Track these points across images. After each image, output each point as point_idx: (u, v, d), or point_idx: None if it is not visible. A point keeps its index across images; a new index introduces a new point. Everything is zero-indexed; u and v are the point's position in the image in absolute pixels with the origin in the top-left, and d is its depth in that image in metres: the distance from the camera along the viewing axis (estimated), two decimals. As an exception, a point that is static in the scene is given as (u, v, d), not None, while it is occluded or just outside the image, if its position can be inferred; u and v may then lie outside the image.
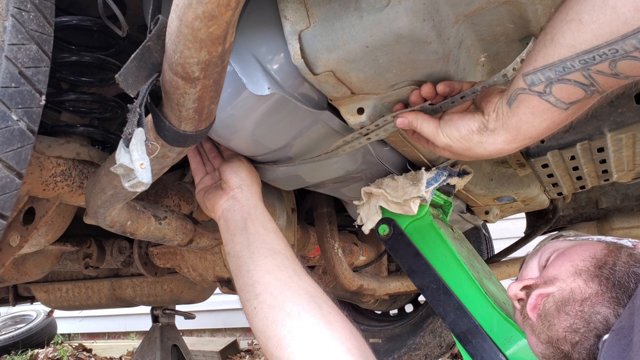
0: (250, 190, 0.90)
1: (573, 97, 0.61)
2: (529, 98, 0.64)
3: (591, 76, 0.57)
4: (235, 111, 0.78)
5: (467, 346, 0.91)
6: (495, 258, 2.18)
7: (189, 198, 1.27)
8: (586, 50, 0.55)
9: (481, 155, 0.73)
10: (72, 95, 0.97)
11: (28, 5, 0.62)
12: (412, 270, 1.03)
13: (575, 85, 0.59)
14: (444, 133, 0.75)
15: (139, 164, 0.54)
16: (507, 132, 0.69)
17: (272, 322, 0.71)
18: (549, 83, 0.61)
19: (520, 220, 2.28)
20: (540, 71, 0.61)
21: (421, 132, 0.78)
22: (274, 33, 0.72)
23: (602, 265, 0.69)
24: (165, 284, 1.87)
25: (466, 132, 0.73)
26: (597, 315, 0.65)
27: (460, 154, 0.76)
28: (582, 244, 0.78)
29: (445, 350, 2.36)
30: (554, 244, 0.83)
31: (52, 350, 4.05)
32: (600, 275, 0.68)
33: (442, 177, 1.04)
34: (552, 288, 0.71)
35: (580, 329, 0.66)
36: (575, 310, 0.67)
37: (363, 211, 1.12)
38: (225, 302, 4.57)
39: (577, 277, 0.70)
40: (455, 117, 0.75)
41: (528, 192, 1.44)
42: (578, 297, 0.68)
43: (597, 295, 0.66)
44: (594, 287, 0.67)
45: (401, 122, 0.79)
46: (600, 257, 0.71)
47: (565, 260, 0.74)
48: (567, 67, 0.58)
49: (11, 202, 0.62)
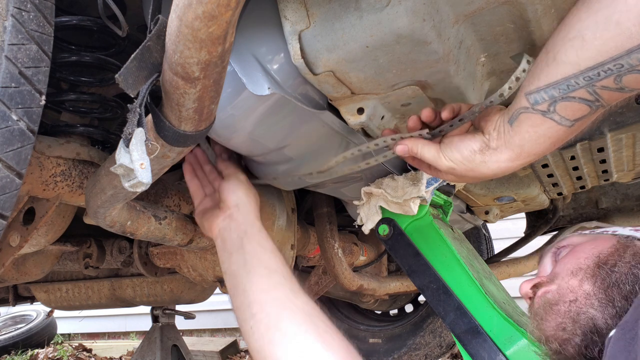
0: (247, 208, 0.90)
1: (578, 114, 0.61)
2: (532, 117, 0.63)
3: (596, 92, 0.57)
4: (235, 111, 0.78)
5: (467, 346, 0.91)
6: (495, 258, 2.18)
7: (189, 198, 1.27)
8: (590, 67, 0.55)
9: (485, 175, 0.73)
10: (72, 95, 0.97)
11: (28, 5, 0.62)
12: (412, 270, 1.03)
13: (580, 102, 0.59)
14: (445, 156, 0.75)
15: (139, 164, 0.54)
16: (511, 150, 0.68)
17: (268, 342, 0.71)
18: (553, 102, 0.60)
19: (520, 220, 2.28)
20: (544, 90, 0.60)
21: (422, 158, 0.78)
22: (274, 33, 0.72)
23: (602, 265, 0.70)
24: (165, 284, 1.87)
25: (468, 153, 0.72)
26: (584, 315, 0.67)
27: (464, 176, 0.76)
28: (594, 240, 0.78)
29: (445, 350, 2.36)
30: (570, 239, 0.84)
31: (52, 350, 4.05)
32: (597, 275, 0.69)
33: (442, 177, 1.04)
34: (553, 287, 0.73)
35: (567, 327, 0.68)
36: (564, 310, 0.69)
37: (363, 211, 1.12)
38: (225, 302, 4.55)
39: (573, 277, 0.71)
40: (456, 139, 0.74)
41: (528, 192, 1.44)
42: (567, 298, 0.70)
43: (587, 296, 0.68)
44: (586, 288, 0.69)
45: (401, 149, 0.79)
46: (603, 256, 0.72)
47: (572, 257, 0.75)
48: (572, 84, 0.57)
49: (11, 202, 0.62)
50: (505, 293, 1.06)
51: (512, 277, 2.01)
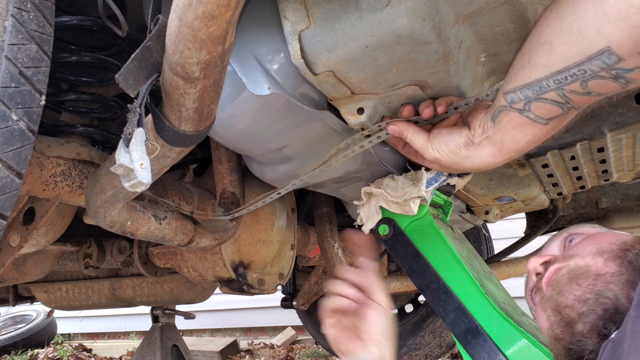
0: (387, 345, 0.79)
1: (550, 113, 0.64)
2: (510, 114, 0.67)
3: (566, 95, 0.61)
4: (235, 111, 0.78)
5: (467, 346, 0.91)
6: (495, 258, 2.18)
7: (189, 198, 1.27)
8: (559, 71, 0.58)
9: (469, 168, 0.76)
10: (72, 95, 0.97)
11: (28, 5, 0.62)
12: (412, 270, 1.03)
13: (552, 104, 0.62)
14: (433, 147, 0.78)
15: (139, 164, 0.54)
16: (493, 145, 0.72)
17: None
18: (528, 101, 0.64)
19: (520, 220, 2.27)
20: (519, 90, 0.64)
21: (411, 143, 0.80)
22: (274, 33, 0.72)
23: (629, 249, 0.70)
24: (165, 284, 1.87)
25: (454, 147, 0.75)
26: (609, 292, 0.65)
27: (448, 167, 0.79)
28: (612, 232, 0.80)
29: (445, 350, 2.36)
30: (582, 228, 0.85)
31: (52, 350, 4.05)
32: (623, 257, 0.69)
33: (442, 177, 1.04)
34: (570, 263, 0.73)
35: (589, 299, 0.66)
36: (587, 283, 0.68)
37: (363, 211, 1.12)
38: (225, 302, 4.57)
39: (597, 256, 0.71)
40: (444, 131, 0.77)
41: (528, 192, 1.44)
42: (592, 272, 0.69)
43: (613, 275, 0.67)
44: (612, 267, 0.68)
45: (393, 128, 0.81)
46: (628, 242, 0.72)
47: (592, 241, 0.76)
48: (543, 86, 0.61)
49: (11, 202, 0.62)
50: (505, 293, 1.06)
51: (512, 277, 2.01)
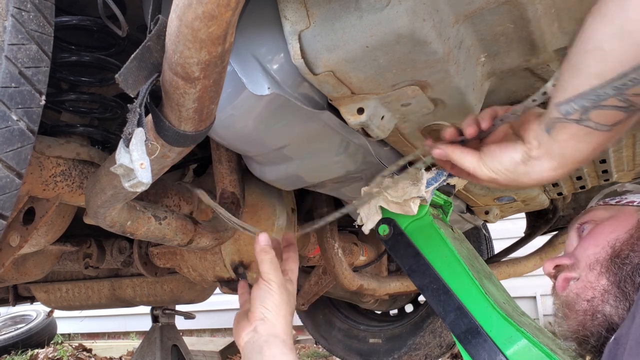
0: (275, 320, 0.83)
1: (613, 119, 0.58)
2: (568, 126, 0.62)
3: (628, 99, 0.56)
4: (235, 111, 0.78)
5: (467, 346, 0.91)
6: (495, 258, 2.18)
7: (189, 198, 1.27)
8: (615, 78, 0.54)
9: (528, 184, 0.71)
10: (72, 95, 0.97)
11: (28, 5, 0.62)
12: (412, 270, 1.03)
13: (613, 109, 0.57)
14: (486, 167, 0.72)
15: (139, 164, 0.54)
16: (552, 159, 0.66)
17: None
18: (585, 111, 0.59)
19: (520, 220, 2.28)
20: (573, 101, 0.59)
21: (462, 166, 0.75)
22: (274, 33, 0.72)
23: (615, 258, 0.73)
24: (165, 284, 1.87)
25: (510, 164, 0.70)
26: (600, 313, 0.71)
27: (506, 185, 0.74)
28: (616, 217, 0.81)
29: (445, 350, 2.36)
30: (594, 213, 0.86)
31: (52, 350, 4.05)
32: (610, 269, 0.72)
33: (442, 177, 1.03)
34: (574, 274, 0.78)
35: (587, 324, 0.72)
36: (584, 308, 0.73)
37: (363, 211, 1.12)
38: (225, 302, 4.56)
39: (590, 271, 0.75)
40: (496, 148, 0.72)
41: (528, 192, 1.44)
42: (586, 297, 0.73)
43: (604, 292, 0.72)
44: (603, 283, 0.72)
45: (439, 152, 0.77)
46: (618, 245, 0.74)
47: (591, 242, 0.79)
48: (601, 94, 0.56)
49: (11, 202, 0.62)
50: (505, 293, 1.06)
51: (512, 277, 2.01)
